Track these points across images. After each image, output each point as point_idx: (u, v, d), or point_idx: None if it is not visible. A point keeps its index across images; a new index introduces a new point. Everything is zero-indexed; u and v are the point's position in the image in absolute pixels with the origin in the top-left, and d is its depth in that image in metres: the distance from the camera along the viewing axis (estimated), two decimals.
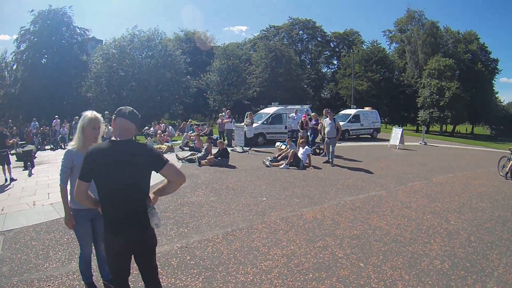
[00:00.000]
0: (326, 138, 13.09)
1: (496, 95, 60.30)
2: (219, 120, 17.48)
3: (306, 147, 12.29)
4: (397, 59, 58.73)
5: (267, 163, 11.56)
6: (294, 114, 16.47)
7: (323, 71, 66.75)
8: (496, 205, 8.94)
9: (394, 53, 61.41)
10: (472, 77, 50.87)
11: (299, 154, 11.84)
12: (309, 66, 63.90)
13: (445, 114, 46.03)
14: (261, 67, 48.59)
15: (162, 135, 18.64)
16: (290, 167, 11.55)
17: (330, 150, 12.20)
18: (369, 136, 23.60)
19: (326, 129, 12.09)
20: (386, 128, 45.93)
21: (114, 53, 34.29)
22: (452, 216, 7.81)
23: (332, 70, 65.87)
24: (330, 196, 8.50)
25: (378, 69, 52.98)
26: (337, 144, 16.22)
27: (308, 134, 15.27)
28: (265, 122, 17.21)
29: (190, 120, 29.90)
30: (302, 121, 15.34)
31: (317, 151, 14.83)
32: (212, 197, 7.84)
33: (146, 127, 22.20)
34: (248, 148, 15.23)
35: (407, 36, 55.56)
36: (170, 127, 22.53)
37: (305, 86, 57.13)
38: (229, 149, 13.23)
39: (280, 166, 11.49)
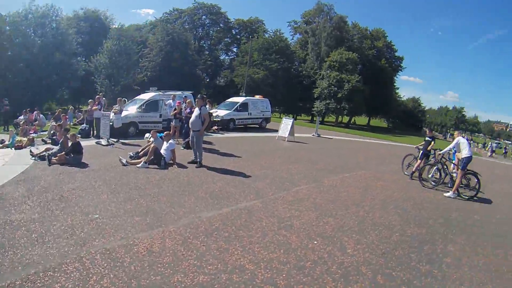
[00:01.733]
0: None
1: (397, 91, 73.50)
2: (88, 107, 17.11)
3: (171, 141, 11.39)
4: (299, 49, 66.12)
5: (124, 160, 10.61)
6: (171, 101, 16.34)
7: (221, 58, 75.34)
8: (406, 217, 8.01)
9: (297, 44, 69.38)
10: (375, 72, 59.88)
11: (162, 150, 11.04)
12: (207, 52, 71.68)
13: (342, 106, 52.20)
14: (156, 51, 53.29)
15: (30, 125, 18.39)
16: (150, 166, 10.58)
17: (195, 147, 11.15)
18: (257, 126, 24.23)
19: (191, 120, 11.14)
20: (280, 117, 47.63)
21: (6, 30, 36.09)
22: (350, 240, 6.36)
23: (231, 57, 74.31)
24: (184, 210, 7.13)
25: (277, 59, 57.80)
26: (220, 135, 15.71)
27: (181, 124, 15.11)
28: (138, 110, 16.77)
29: (71, 106, 27.64)
30: (175, 108, 15.19)
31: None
32: (36, 213, 6.53)
33: (21, 116, 21.40)
34: (115, 140, 14.51)
35: (312, 28, 62.57)
36: (42, 115, 22.01)
37: (200, 72, 64.06)
38: (94, 141, 13.59)
39: (137, 165, 10.52)
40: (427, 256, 5.96)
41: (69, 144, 10.94)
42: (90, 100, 17.68)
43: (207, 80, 69.59)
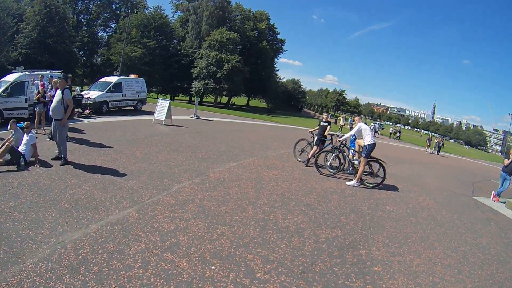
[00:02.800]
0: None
1: (277, 72, 75.09)
2: None
3: (30, 134, 8.88)
4: (179, 28, 64.22)
5: None
6: (38, 82, 13.33)
7: (99, 34, 71.21)
8: (313, 216, 6.95)
9: (177, 21, 67.18)
10: (255, 53, 60.46)
11: (22, 145, 8.58)
12: (85, 28, 66.34)
13: (221, 86, 51.65)
14: (32, 25, 47.21)
15: None
16: (7, 167, 7.99)
17: (57, 140, 8.83)
18: (132, 108, 22.21)
19: (51, 106, 8.89)
20: (157, 98, 45.09)
21: None
22: (256, 258, 5.00)
23: (109, 34, 70.41)
24: (43, 233, 5.17)
25: (156, 36, 55.95)
26: (92, 120, 14.07)
27: (46, 109, 12.22)
28: (0, 94, 13.90)
29: None
30: (38, 91, 12.53)
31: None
32: None
33: None
34: None
35: (194, 6, 60.87)
36: None
37: (76, 50, 59.56)
38: None
39: None
40: (353, 268, 5.00)
41: None
42: None
43: (84, 58, 65.46)
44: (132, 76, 23.30)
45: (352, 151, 10.84)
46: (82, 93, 18.59)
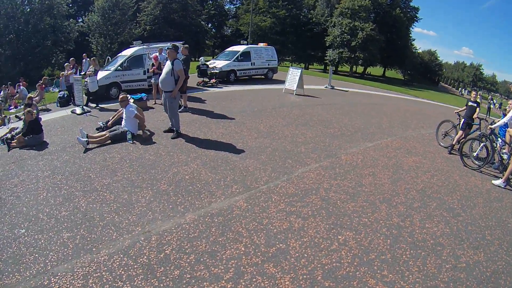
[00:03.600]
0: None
1: (412, 42, 66.75)
2: (65, 72, 15.05)
3: (129, 107, 8.61)
4: None
5: (83, 140, 7.76)
6: (158, 54, 13.18)
7: (226, 7, 71.76)
8: (456, 228, 5.37)
9: None
10: (389, 21, 54.26)
11: (123, 121, 8.54)
12: (210, 2, 67.27)
13: (356, 55, 48.62)
14: (153, 4, 49.95)
15: (11, 100, 17.53)
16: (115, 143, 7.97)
17: (168, 113, 8.61)
18: (263, 77, 21.45)
19: (160, 77, 8.45)
20: (290, 67, 44.75)
21: None
22: (378, 285, 3.75)
23: (236, 5, 70.97)
24: (129, 219, 4.86)
25: (285, 5, 54.42)
26: (218, 89, 13.89)
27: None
28: (119, 68, 14.30)
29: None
30: (153, 64, 12.80)
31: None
32: None
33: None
34: (93, 106, 12.44)
35: None
36: (22, 87, 19.13)
37: (204, 23, 60.92)
38: (68, 110, 11.77)
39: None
40: None
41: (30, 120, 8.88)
42: (66, 64, 15.54)
43: (213, 30, 66.18)
44: (261, 44, 22.71)
45: (501, 141, 8.33)
46: (208, 62, 18.74)
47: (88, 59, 15.26)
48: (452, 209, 5.89)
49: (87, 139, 7.74)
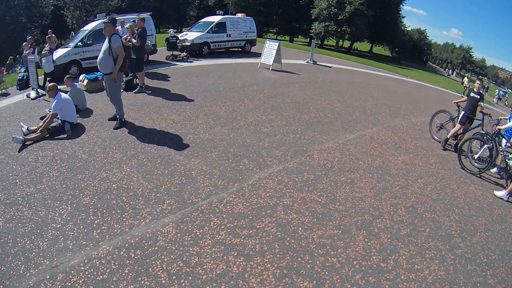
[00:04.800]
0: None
1: (402, 20, 64.80)
2: (24, 52, 13.51)
3: (58, 95, 6.94)
4: None
5: (20, 138, 6.23)
6: (120, 28, 11.75)
7: None
8: (454, 270, 3.98)
9: None
10: None
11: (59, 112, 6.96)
12: None
13: (343, 29, 46.41)
14: None
15: None
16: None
17: (110, 98, 7.12)
18: (240, 49, 20.13)
19: (98, 57, 6.97)
20: (276, 39, 42.77)
21: None
22: None
23: None
24: (35, 252, 3.74)
25: None
26: (188, 63, 13.01)
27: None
28: (79, 44, 12.81)
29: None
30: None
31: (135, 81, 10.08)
32: None
33: None
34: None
35: None
36: None
37: None
38: (25, 94, 10.11)
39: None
40: None
41: None
42: (24, 43, 14.01)
43: (196, 1, 63.74)
44: (238, 15, 21.22)
45: (505, 143, 6.84)
46: (180, 34, 17.12)
47: (29, 37, 13.99)
48: (449, 237, 4.46)
49: (23, 137, 6.21)
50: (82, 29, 14.34)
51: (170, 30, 17.00)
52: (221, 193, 4.68)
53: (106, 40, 6.49)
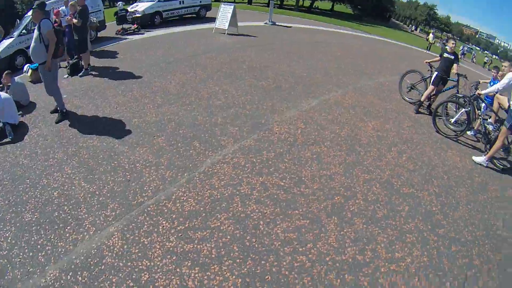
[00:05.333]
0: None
1: None
2: None
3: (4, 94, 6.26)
4: None
5: None
6: (64, 7, 10.40)
7: None
8: (435, 256, 3.44)
9: None
10: None
11: None
12: None
13: None
14: None
15: None
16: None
17: (47, 90, 6.17)
18: (195, 15, 18.90)
19: (30, 46, 6.09)
20: (234, 1, 40.92)
21: None
22: None
23: None
24: None
25: None
26: (139, 36, 12.69)
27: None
28: (23, 32, 11.70)
29: None
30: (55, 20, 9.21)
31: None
32: None
33: None
34: None
35: None
36: None
37: None
38: None
39: None
40: None
41: None
42: None
43: None
44: None
45: (484, 107, 6.44)
46: (130, 6, 15.93)
47: None
48: (430, 214, 3.98)
49: None
50: (26, 15, 13.10)
51: (119, 3, 15.64)
52: (169, 187, 3.97)
53: (36, 27, 5.69)
